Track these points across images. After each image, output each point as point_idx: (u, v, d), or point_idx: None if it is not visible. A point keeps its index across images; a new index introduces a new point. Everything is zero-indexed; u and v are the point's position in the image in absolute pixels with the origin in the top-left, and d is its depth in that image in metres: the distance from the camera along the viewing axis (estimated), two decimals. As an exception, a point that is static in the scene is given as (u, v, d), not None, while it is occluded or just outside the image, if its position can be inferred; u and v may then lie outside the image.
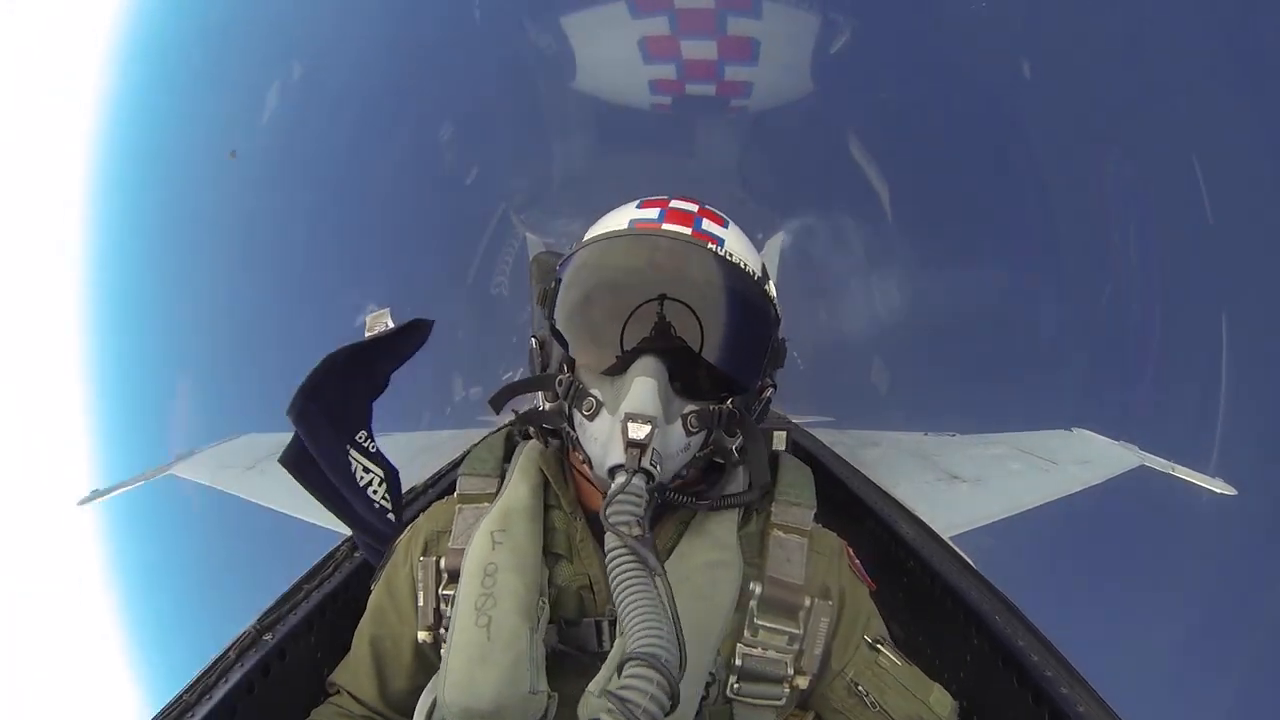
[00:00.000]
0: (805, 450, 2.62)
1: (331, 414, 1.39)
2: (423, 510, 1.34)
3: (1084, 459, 4.67)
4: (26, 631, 17.98)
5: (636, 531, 0.88)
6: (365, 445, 1.51)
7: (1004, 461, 4.43)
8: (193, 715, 1.26)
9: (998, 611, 1.48)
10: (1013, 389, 10.03)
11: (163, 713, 1.25)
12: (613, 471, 0.97)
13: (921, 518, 2.01)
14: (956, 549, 1.76)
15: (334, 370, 1.37)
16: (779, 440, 1.42)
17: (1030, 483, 4.27)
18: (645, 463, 0.96)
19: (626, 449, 0.97)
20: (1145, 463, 4.83)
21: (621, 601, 0.81)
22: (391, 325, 1.44)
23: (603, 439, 1.04)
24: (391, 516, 1.50)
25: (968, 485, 3.95)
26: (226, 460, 5.31)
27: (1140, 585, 9.69)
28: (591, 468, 1.06)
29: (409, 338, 1.48)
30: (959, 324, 9.95)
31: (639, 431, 0.97)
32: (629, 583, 0.82)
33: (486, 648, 1.03)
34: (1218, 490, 5.18)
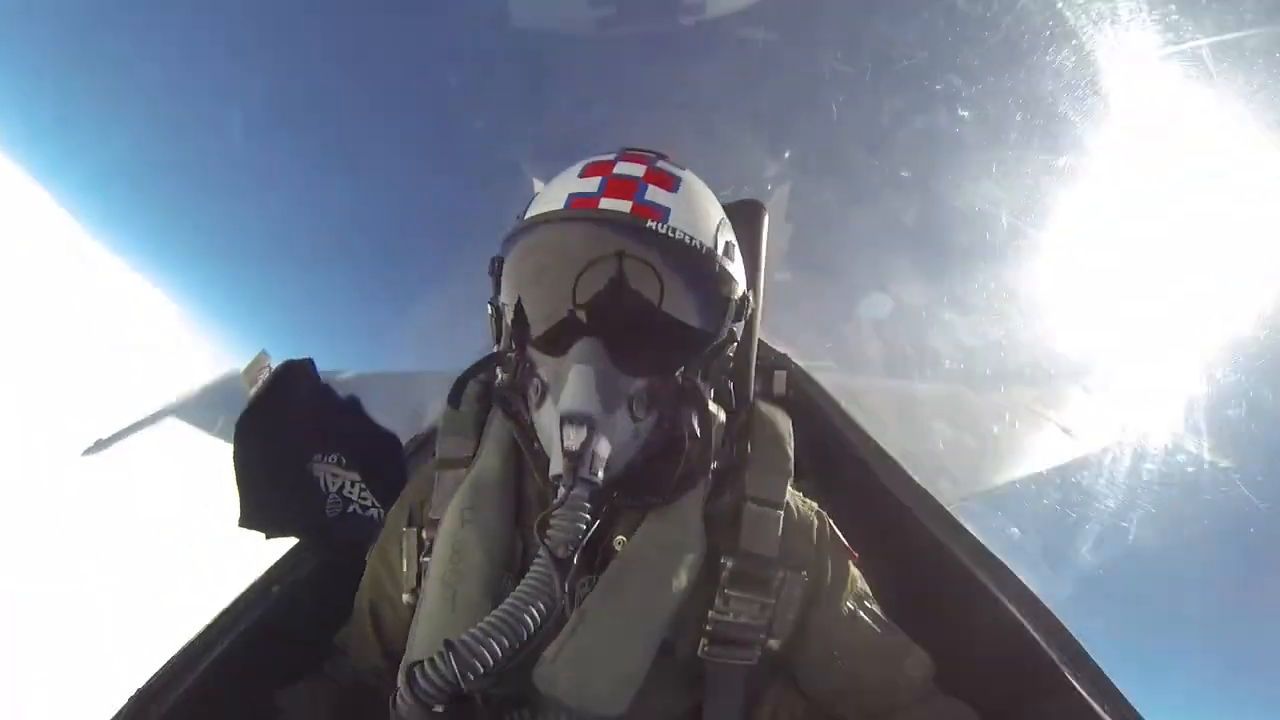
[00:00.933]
0: (806, 396, 2.50)
1: (271, 483, 1.44)
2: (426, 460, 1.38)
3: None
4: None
5: (562, 554, 0.92)
6: (327, 460, 1.54)
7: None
8: (203, 661, 1.29)
9: (1008, 597, 1.41)
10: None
11: (173, 660, 1.28)
12: (554, 481, 0.98)
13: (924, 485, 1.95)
14: (958, 520, 1.71)
15: (251, 453, 1.40)
16: (779, 381, 1.37)
17: (1035, 441, 4.19)
18: (584, 473, 0.95)
19: (565, 457, 0.96)
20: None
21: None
22: (271, 368, 1.45)
23: (546, 436, 1.06)
24: (375, 511, 1.55)
25: (976, 443, 3.88)
26: (227, 399, 5.24)
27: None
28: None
29: (292, 383, 1.47)
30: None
31: (575, 440, 0.96)
32: (520, 593, 0.90)
33: (450, 619, 1.08)
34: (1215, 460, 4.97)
